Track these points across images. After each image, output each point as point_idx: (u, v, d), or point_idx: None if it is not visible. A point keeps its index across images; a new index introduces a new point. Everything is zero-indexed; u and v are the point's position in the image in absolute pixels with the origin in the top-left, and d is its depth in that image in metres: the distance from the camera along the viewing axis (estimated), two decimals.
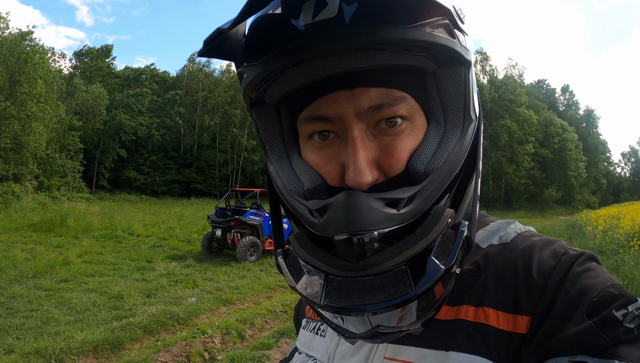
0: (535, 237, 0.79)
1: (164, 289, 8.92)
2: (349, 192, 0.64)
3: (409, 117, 0.70)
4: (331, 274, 0.64)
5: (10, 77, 25.41)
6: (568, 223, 23.70)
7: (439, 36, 0.64)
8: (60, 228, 16.33)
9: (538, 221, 34.86)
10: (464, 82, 0.72)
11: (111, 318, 6.89)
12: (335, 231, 0.62)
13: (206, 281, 9.76)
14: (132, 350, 5.76)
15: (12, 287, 8.44)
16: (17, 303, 7.51)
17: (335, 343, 0.87)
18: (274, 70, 0.66)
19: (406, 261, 0.62)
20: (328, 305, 0.63)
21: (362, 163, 0.66)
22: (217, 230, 12.62)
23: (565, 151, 62.39)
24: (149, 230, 17.54)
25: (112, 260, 11.78)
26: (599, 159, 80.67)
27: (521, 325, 0.68)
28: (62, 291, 8.46)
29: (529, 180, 58.63)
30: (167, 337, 6.30)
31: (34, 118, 25.98)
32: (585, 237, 15.67)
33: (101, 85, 44.25)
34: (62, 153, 34.94)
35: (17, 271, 9.63)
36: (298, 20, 0.60)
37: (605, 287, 0.65)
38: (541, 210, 53.39)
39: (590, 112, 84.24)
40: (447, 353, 0.70)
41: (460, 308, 0.73)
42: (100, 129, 43.78)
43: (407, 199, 0.64)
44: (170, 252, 13.41)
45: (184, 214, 25.92)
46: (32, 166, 27.29)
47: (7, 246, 12.76)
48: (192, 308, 7.44)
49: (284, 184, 0.76)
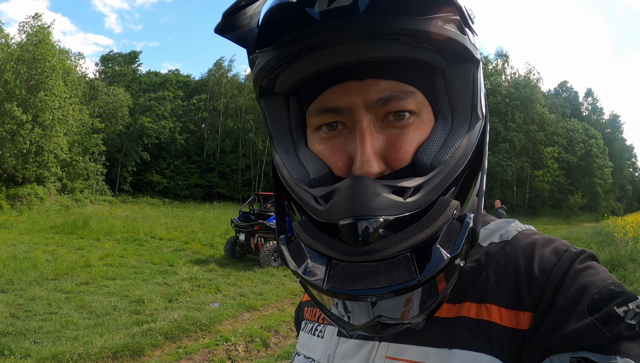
0: (536, 235, 0.79)
1: (186, 294, 8.75)
2: (356, 177, 0.64)
3: (417, 112, 0.71)
4: (335, 258, 0.64)
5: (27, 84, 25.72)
6: (594, 230, 23.53)
7: (450, 30, 0.65)
8: (83, 230, 16.56)
9: (563, 227, 34.91)
10: (472, 80, 0.72)
11: (132, 323, 6.71)
12: (341, 216, 0.62)
13: (229, 287, 9.58)
14: (153, 357, 5.56)
15: (32, 289, 8.38)
16: (37, 305, 7.41)
17: (335, 344, 0.85)
18: (287, 55, 0.66)
19: (411, 248, 0.61)
20: (331, 290, 0.62)
21: (370, 153, 0.66)
22: (241, 234, 12.56)
23: (592, 156, 61.52)
24: (171, 234, 17.57)
25: (134, 263, 11.71)
26: (624, 165, 79.60)
27: (523, 321, 0.67)
28: (83, 294, 8.36)
29: (554, 186, 57.86)
30: (189, 343, 6.08)
31: (57, 122, 26.31)
32: (616, 244, 15.09)
33: (124, 89, 44.83)
34: (86, 156, 35.39)
35: (37, 273, 9.61)
36: (313, 8, 0.61)
37: (606, 285, 0.64)
38: (566, 217, 52.77)
39: (615, 118, 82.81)
40: (451, 351, 0.69)
41: (462, 305, 0.72)
42: (123, 133, 44.57)
43: (414, 189, 0.64)
44: (193, 256, 13.36)
45: (207, 218, 26.03)
46: (55, 169, 27.63)
47: (29, 247, 12.91)
48: (214, 314, 7.24)
49: (289, 173, 0.76)
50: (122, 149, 45.40)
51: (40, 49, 26.31)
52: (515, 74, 64.67)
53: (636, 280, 9.63)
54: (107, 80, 48.66)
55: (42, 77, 26.03)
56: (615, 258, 11.94)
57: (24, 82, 25.84)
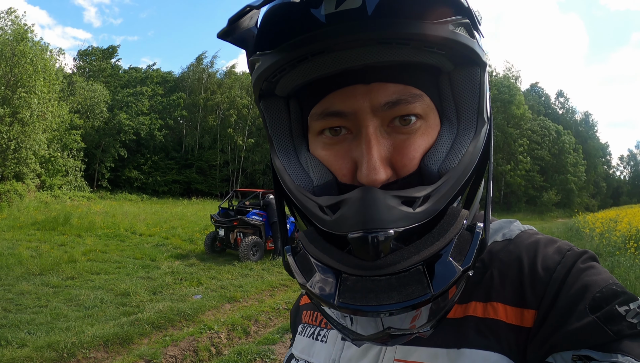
0: (539, 235, 0.79)
1: (169, 287, 9.04)
2: (365, 188, 0.62)
3: (423, 116, 0.69)
4: (345, 272, 0.62)
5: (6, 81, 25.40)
6: (566, 225, 23.84)
7: (460, 35, 0.63)
8: (64, 226, 16.40)
9: (537, 223, 34.30)
10: (479, 83, 0.71)
11: (119, 314, 7.02)
12: (350, 228, 0.60)
13: (210, 280, 9.88)
14: (141, 345, 5.90)
15: (19, 284, 8.55)
16: (26, 299, 7.62)
17: (340, 348, 0.83)
18: (292, 59, 0.64)
19: (423, 262, 0.60)
20: (343, 305, 0.61)
21: (376, 160, 0.64)
22: (220, 229, 12.72)
23: (564, 153, 62.49)
24: (151, 230, 17.62)
25: (117, 259, 11.88)
26: (598, 162, 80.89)
27: (527, 319, 0.68)
28: (69, 288, 8.58)
29: (528, 183, 58.61)
30: (175, 332, 6.43)
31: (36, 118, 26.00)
32: (582, 239, 15.82)
33: (103, 85, 44.31)
34: (64, 152, 35.00)
35: (23, 269, 9.73)
36: (318, 10, 0.58)
37: (607, 284, 0.65)
38: (540, 213, 53.19)
39: (587, 116, 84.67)
40: (460, 351, 0.69)
41: (469, 305, 0.72)
42: (102, 128, 43.99)
43: (423, 198, 0.62)
44: (174, 251, 13.51)
45: (186, 214, 25.95)
46: (34, 165, 27.34)
47: (11, 244, 12.87)
48: (197, 305, 7.57)
49: (291, 180, 0.74)
50: (100, 145, 44.84)
51: (20, 47, 25.93)
52: (493, 72, 64.72)
53: None
54: (85, 75, 48.02)
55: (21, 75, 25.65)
56: None
57: (1, 77, 25.48)
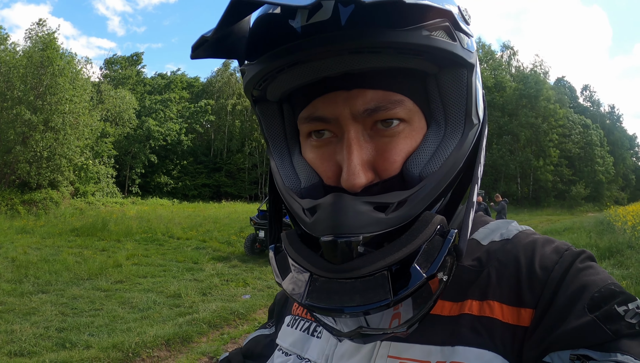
0: (536, 235, 0.79)
1: (217, 288, 9.17)
2: (337, 194, 0.64)
3: (407, 120, 0.69)
4: (315, 274, 0.65)
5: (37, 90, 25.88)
6: (597, 219, 23.28)
7: (436, 39, 0.63)
8: (102, 232, 16.78)
9: (567, 218, 34.35)
10: (465, 85, 0.70)
11: (174, 315, 7.16)
12: (322, 232, 0.63)
13: (255, 280, 10.00)
14: (201, 343, 6.02)
15: (70, 289, 8.75)
16: (80, 303, 7.79)
17: (334, 344, 0.82)
18: (271, 70, 0.67)
19: (388, 267, 0.61)
20: (308, 304, 0.63)
21: (356, 164, 0.65)
22: (260, 231, 12.85)
23: (591, 146, 61.51)
24: (187, 233, 17.84)
25: (160, 262, 12.10)
26: (626, 154, 79.68)
27: (524, 318, 0.67)
28: (120, 291, 8.75)
29: (557, 177, 57.76)
30: (231, 330, 6.55)
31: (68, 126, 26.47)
32: (614, 232, 15.45)
33: (130, 92, 44.94)
34: (96, 160, 35.60)
35: (71, 274, 9.96)
36: (296, 21, 0.61)
37: (606, 284, 0.65)
38: (570, 207, 52.21)
39: (613, 108, 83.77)
40: (454, 348, 0.68)
41: (464, 303, 0.72)
42: (131, 135, 44.70)
43: (397, 204, 0.64)
44: (214, 254, 13.69)
45: (219, 217, 26.07)
46: (68, 173, 27.85)
47: (54, 250, 13.19)
48: (248, 304, 7.69)
49: (282, 181, 0.77)
50: (130, 151, 45.73)
51: (47, 53, 26.37)
52: (520, 67, 64.04)
53: (632, 265, 10.10)
54: (112, 83, 48.77)
55: (50, 82, 26.10)
56: (614, 245, 12.55)
57: (32, 88, 25.97)
